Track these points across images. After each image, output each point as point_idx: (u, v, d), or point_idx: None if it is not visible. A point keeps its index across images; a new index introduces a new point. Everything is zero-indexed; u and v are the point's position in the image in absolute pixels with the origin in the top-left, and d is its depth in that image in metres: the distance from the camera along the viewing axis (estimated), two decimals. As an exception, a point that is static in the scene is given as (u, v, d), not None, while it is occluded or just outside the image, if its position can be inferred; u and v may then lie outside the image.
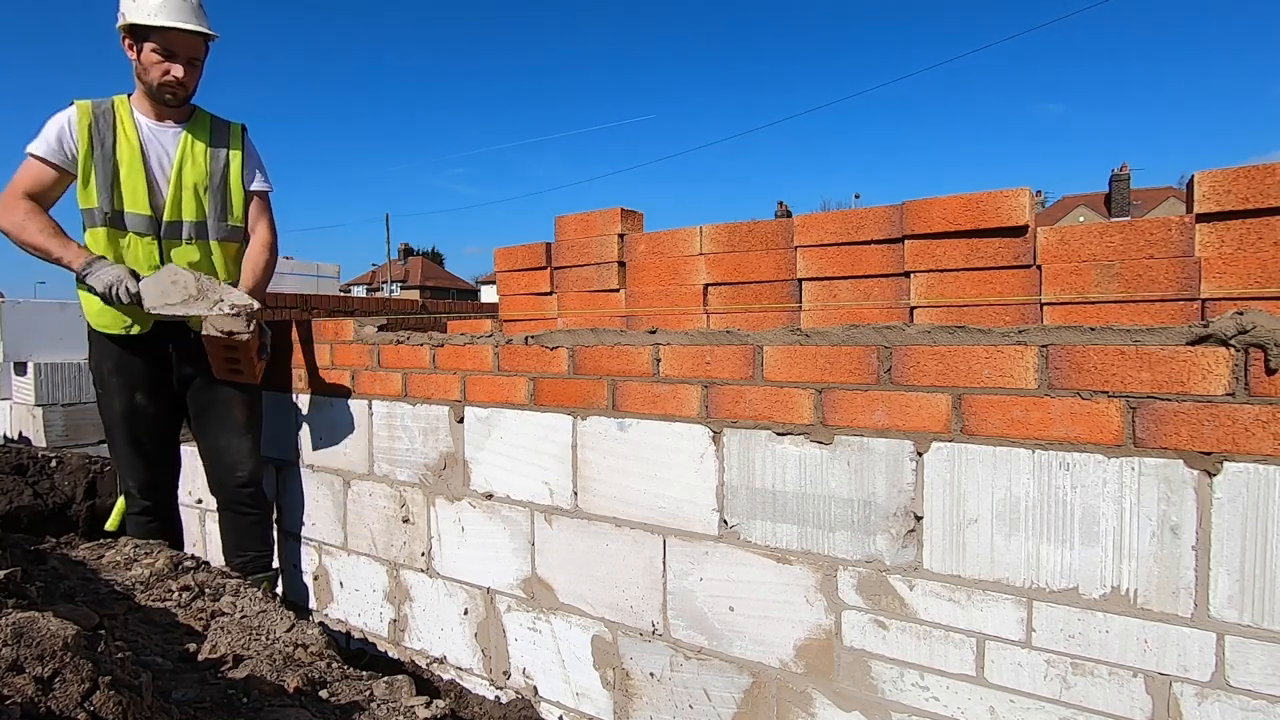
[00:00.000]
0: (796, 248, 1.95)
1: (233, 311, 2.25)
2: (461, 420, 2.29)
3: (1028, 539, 1.41)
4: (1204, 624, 1.26)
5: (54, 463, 4.46)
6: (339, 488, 2.67)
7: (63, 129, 2.36)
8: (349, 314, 2.78)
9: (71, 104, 2.42)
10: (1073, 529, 1.37)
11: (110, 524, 3.26)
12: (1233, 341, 1.22)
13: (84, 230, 2.44)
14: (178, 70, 2.40)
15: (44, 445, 5.39)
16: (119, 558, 2.17)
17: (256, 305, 2.33)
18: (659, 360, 1.86)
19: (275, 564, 2.80)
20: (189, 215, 2.49)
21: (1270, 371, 1.19)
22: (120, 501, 3.43)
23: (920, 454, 1.52)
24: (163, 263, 2.42)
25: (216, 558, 2.85)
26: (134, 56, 2.40)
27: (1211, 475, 1.25)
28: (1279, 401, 1.19)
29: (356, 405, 2.59)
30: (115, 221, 2.39)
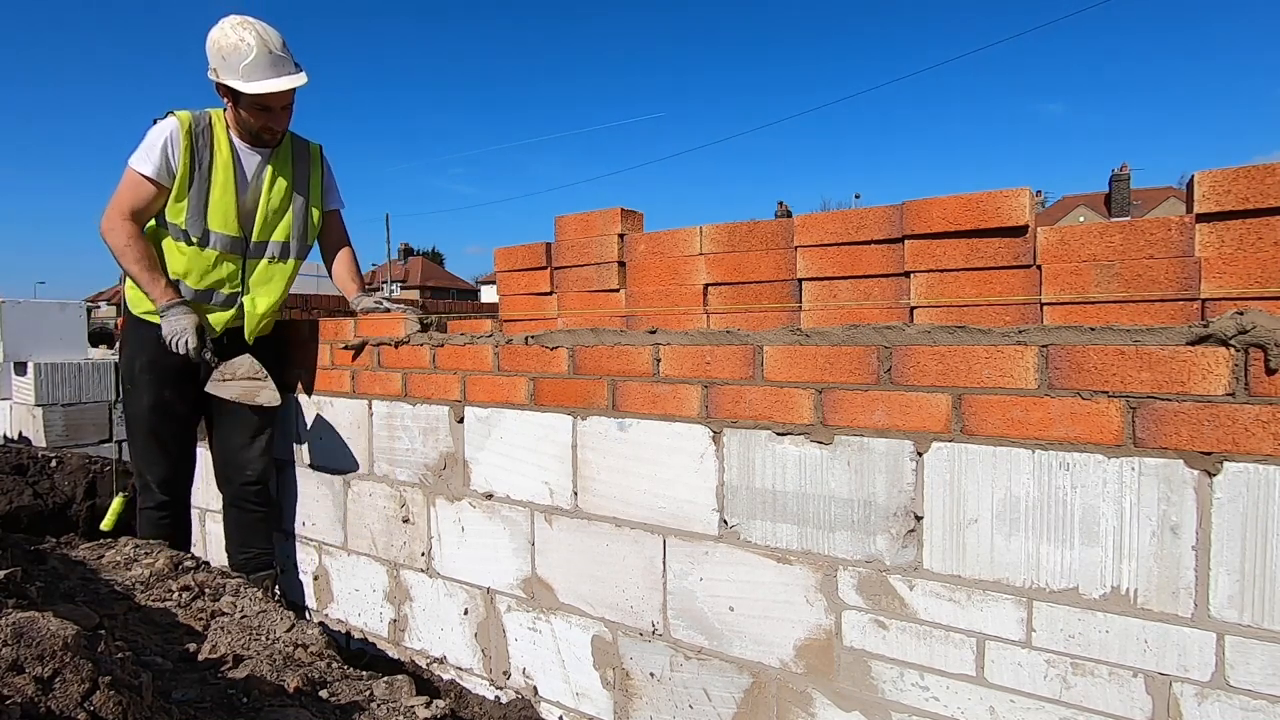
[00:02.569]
0: (796, 248, 1.95)
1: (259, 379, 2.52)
2: (461, 420, 2.29)
3: (1028, 539, 1.41)
4: (1204, 624, 1.26)
5: (54, 463, 4.46)
6: (339, 488, 2.67)
7: (165, 146, 2.38)
8: (349, 314, 2.81)
9: (169, 114, 2.44)
10: (1073, 529, 1.37)
11: (106, 524, 3.26)
12: (1233, 341, 1.22)
13: (161, 239, 2.50)
14: (277, 123, 2.48)
15: (44, 445, 5.39)
16: (119, 558, 2.18)
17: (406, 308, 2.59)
18: (659, 360, 1.86)
19: (276, 563, 2.81)
20: (277, 236, 2.60)
21: (1270, 371, 1.19)
22: (116, 502, 3.43)
23: (920, 454, 1.52)
24: (245, 279, 2.56)
25: (216, 558, 2.85)
26: (228, 102, 2.45)
27: (1211, 475, 1.25)
28: (1279, 401, 1.19)
29: (356, 405, 2.59)
30: (203, 240, 2.47)
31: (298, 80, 2.42)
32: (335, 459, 2.67)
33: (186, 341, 2.37)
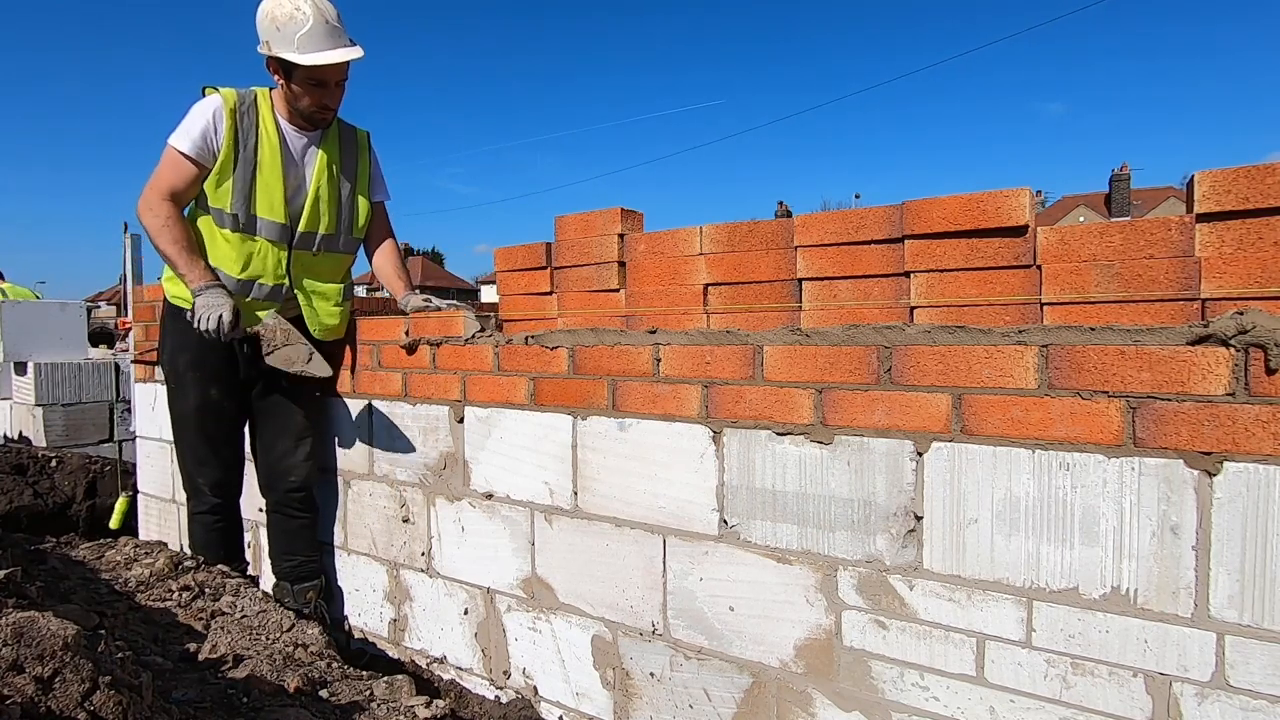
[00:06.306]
0: (796, 248, 1.95)
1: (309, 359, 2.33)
2: (461, 420, 2.29)
3: (1028, 539, 1.41)
4: (1204, 624, 1.26)
5: (54, 463, 4.46)
6: (339, 487, 2.67)
7: (208, 124, 2.27)
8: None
9: (210, 92, 2.32)
10: (1073, 529, 1.37)
11: (114, 523, 3.26)
12: (1233, 341, 1.22)
13: (200, 222, 2.38)
14: (331, 99, 2.36)
15: (44, 445, 5.39)
16: (119, 558, 2.18)
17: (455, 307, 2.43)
18: (659, 360, 1.86)
19: (321, 573, 2.68)
20: (323, 228, 2.46)
21: (1270, 371, 1.19)
22: (121, 501, 3.42)
23: (920, 454, 1.52)
24: (289, 271, 2.41)
25: (267, 567, 2.77)
26: (279, 80, 2.33)
27: (1211, 475, 1.25)
28: (1279, 401, 1.19)
29: (356, 405, 2.59)
30: (248, 226, 2.34)
31: (354, 53, 2.28)
32: (335, 458, 2.67)
33: (221, 316, 2.17)
